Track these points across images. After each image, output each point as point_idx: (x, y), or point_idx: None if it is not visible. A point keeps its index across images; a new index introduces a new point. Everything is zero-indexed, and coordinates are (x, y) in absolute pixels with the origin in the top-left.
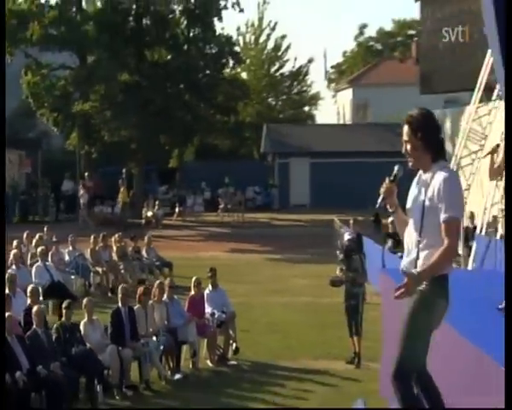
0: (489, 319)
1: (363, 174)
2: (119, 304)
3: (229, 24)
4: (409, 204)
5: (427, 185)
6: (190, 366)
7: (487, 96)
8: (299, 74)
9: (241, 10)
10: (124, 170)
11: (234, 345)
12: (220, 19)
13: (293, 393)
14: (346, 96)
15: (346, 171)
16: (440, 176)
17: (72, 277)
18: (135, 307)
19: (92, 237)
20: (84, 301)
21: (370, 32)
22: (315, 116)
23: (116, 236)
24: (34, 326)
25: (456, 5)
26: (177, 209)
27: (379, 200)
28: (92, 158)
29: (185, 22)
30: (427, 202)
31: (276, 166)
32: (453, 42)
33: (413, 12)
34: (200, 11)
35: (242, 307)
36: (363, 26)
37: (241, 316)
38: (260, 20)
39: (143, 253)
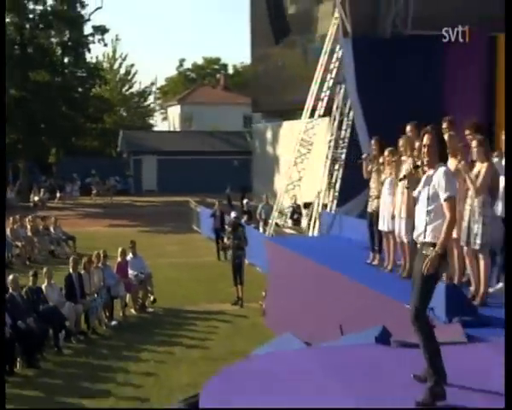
0: (359, 266)
1: (194, 167)
2: (71, 271)
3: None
4: (416, 193)
5: (431, 179)
6: (121, 314)
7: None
8: (144, 93)
9: (105, 45)
10: (10, 164)
11: (152, 297)
12: (89, 50)
13: (205, 329)
14: (176, 110)
15: (183, 165)
16: (439, 171)
17: None
18: (82, 273)
19: (11, 218)
20: (44, 269)
21: (187, 64)
22: (153, 125)
23: (30, 217)
24: (10, 290)
25: (278, 49)
26: (58, 194)
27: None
28: None
29: (61, 51)
30: (431, 191)
31: (131, 161)
32: (274, 72)
33: (217, 52)
34: (73, 44)
35: None
36: (182, 60)
37: None
38: (114, 51)
39: (51, 229)
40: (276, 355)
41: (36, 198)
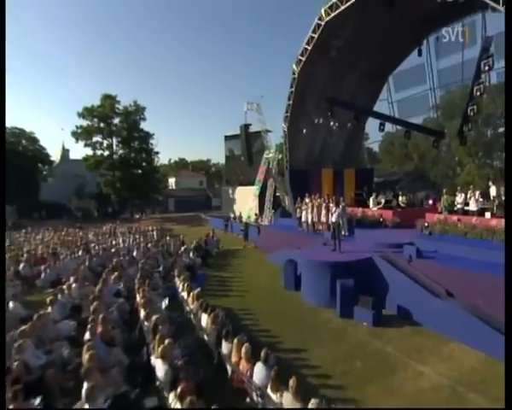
0: (297, 231)
1: (188, 202)
2: (204, 238)
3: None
4: (334, 217)
5: (336, 209)
6: (215, 251)
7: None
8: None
9: (160, 164)
10: (128, 203)
11: (221, 245)
12: (153, 161)
13: (242, 253)
14: (173, 180)
15: (183, 201)
16: (340, 207)
17: None
18: (205, 239)
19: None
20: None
21: (173, 159)
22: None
23: (157, 225)
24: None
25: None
26: (144, 215)
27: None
28: None
29: (145, 164)
30: (340, 213)
31: (164, 200)
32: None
33: (184, 154)
34: (148, 158)
35: None
36: (170, 159)
37: None
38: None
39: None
40: (308, 249)
41: (137, 216)
